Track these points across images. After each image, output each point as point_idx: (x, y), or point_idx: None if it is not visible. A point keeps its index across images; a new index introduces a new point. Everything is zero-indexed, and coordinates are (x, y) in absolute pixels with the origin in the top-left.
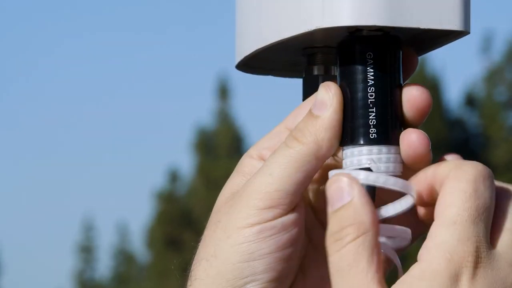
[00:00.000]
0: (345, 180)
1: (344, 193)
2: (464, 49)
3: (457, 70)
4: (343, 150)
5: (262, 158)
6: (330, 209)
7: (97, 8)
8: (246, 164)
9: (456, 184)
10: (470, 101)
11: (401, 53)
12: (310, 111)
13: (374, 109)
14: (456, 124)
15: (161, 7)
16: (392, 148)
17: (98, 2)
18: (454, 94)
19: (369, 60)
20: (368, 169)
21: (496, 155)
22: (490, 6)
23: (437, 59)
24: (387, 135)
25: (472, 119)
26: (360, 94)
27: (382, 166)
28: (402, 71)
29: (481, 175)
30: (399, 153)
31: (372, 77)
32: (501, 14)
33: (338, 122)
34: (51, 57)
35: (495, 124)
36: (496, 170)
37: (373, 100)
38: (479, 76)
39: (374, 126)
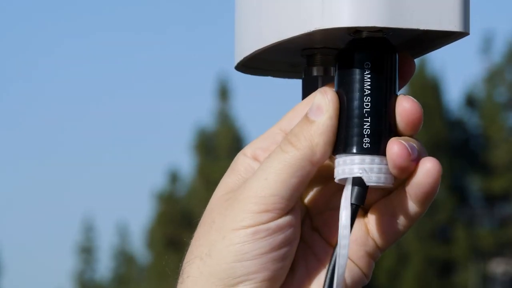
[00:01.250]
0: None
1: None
2: (464, 50)
3: (457, 71)
4: (335, 159)
5: (256, 158)
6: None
7: (97, 8)
8: (241, 162)
9: None
10: (470, 101)
11: (397, 62)
12: (306, 116)
13: (369, 119)
14: (456, 124)
15: (161, 7)
16: (385, 159)
17: (98, 2)
18: (454, 94)
19: (366, 70)
20: (359, 179)
21: (496, 156)
22: (490, 7)
23: (438, 60)
24: (380, 145)
25: (472, 120)
26: (356, 103)
27: (373, 177)
28: (400, 78)
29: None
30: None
31: (369, 87)
32: (501, 15)
33: (333, 128)
34: (51, 57)
35: (495, 124)
36: (496, 170)
37: (369, 110)
38: (479, 77)
39: (368, 135)
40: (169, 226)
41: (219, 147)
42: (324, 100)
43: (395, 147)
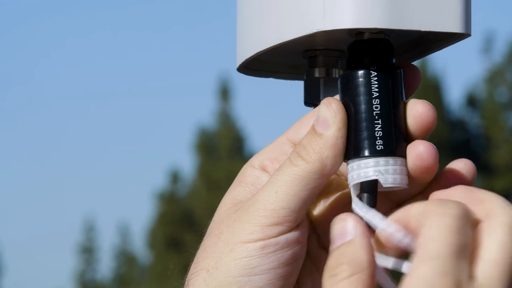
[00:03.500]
0: (350, 220)
1: (347, 231)
2: (465, 50)
3: (458, 71)
4: (348, 164)
5: (264, 169)
6: (332, 246)
7: (97, 8)
8: (249, 174)
9: (441, 219)
10: (471, 102)
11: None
12: (313, 128)
13: (379, 121)
14: (457, 125)
15: (161, 7)
16: (399, 160)
17: (98, 2)
18: (455, 95)
19: (372, 72)
20: (375, 181)
21: (497, 156)
22: (491, 7)
23: (438, 60)
24: (394, 146)
25: (473, 120)
26: (364, 107)
27: (390, 178)
28: (407, 86)
29: (464, 213)
30: (405, 165)
31: (377, 89)
32: (502, 15)
33: (342, 139)
34: (51, 57)
35: (496, 125)
36: (497, 171)
37: (379, 112)
38: (480, 77)
39: (380, 137)
40: (170, 226)
41: (220, 147)
42: (330, 112)
43: (422, 147)
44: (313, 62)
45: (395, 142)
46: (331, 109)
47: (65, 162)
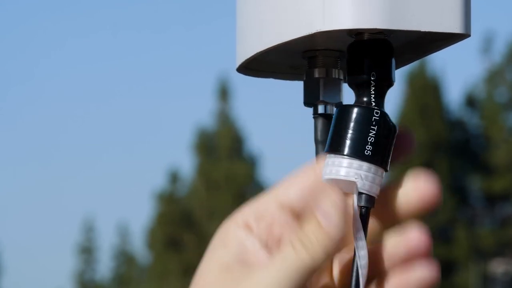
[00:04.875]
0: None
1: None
2: (464, 50)
3: (457, 71)
4: (328, 157)
5: (248, 227)
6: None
7: (98, 8)
8: (232, 235)
9: None
10: (471, 102)
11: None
12: (317, 220)
13: (375, 128)
14: (456, 125)
15: (161, 7)
16: (379, 170)
17: (98, 2)
18: (454, 95)
19: (372, 81)
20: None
21: (496, 156)
22: (491, 7)
23: (438, 60)
24: (380, 156)
25: (472, 120)
26: (363, 110)
27: (367, 185)
28: (398, 154)
29: None
30: (383, 177)
31: (373, 98)
32: (501, 16)
33: (344, 232)
34: (52, 57)
35: (495, 125)
36: (497, 171)
37: (378, 118)
38: (479, 77)
39: (371, 143)
40: (170, 226)
41: (219, 148)
42: (336, 210)
43: (425, 181)
44: (313, 63)
45: (383, 152)
46: (333, 204)
47: (65, 162)
